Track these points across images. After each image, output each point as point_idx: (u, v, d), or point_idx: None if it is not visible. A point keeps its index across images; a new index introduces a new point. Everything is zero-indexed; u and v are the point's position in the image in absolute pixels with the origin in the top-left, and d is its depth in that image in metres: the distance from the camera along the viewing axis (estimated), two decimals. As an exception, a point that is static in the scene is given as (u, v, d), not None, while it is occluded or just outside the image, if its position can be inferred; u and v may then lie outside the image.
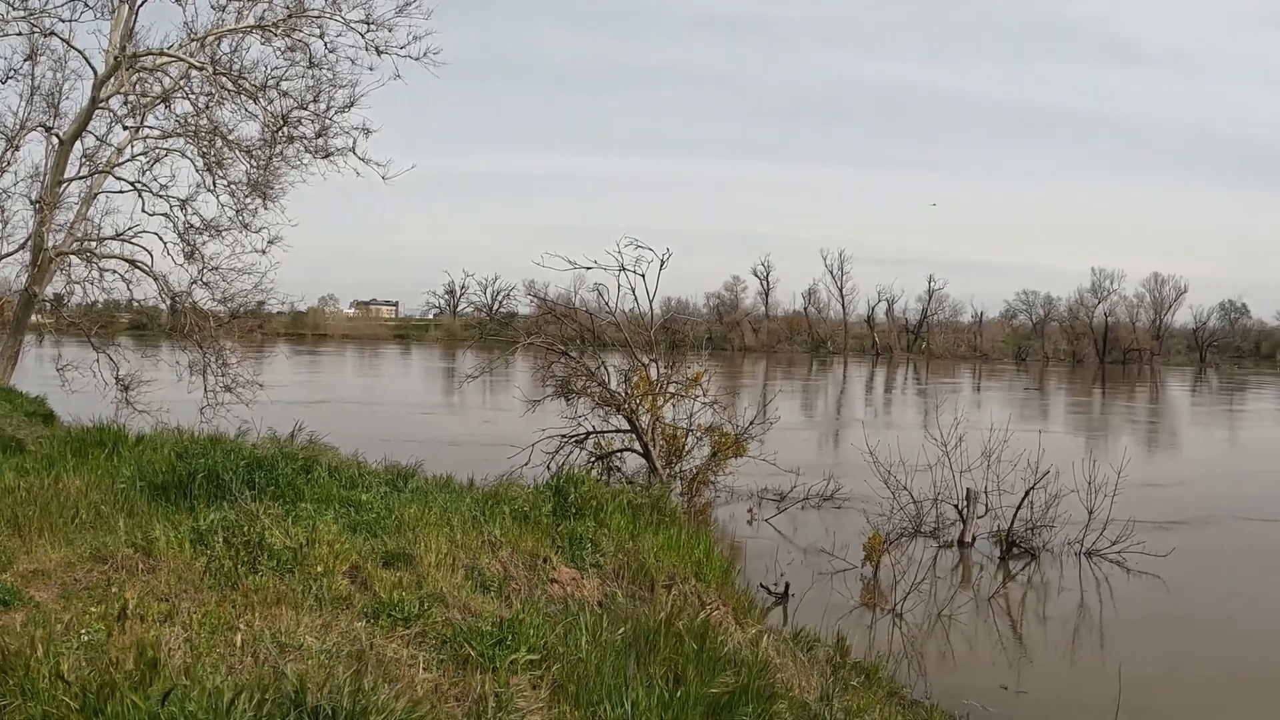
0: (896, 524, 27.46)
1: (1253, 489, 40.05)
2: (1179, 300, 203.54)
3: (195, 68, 22.18)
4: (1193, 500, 36.29)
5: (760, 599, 20.93)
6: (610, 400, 29.72)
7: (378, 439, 31.28)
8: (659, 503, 19.56)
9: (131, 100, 24.91)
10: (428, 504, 14.87)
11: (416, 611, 10.46)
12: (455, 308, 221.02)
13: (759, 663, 11.04)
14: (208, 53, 22.63)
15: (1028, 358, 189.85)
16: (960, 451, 28.78)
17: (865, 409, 78.48)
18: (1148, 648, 20.65)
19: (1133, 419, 78.09)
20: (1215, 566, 27.42)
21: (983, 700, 16.59)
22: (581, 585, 14.01)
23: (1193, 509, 33.89)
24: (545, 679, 9.34)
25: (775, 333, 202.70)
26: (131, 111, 25.17)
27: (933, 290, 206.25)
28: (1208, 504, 35.38)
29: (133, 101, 24.87)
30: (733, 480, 32.40)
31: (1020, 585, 25.92)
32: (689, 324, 64.22)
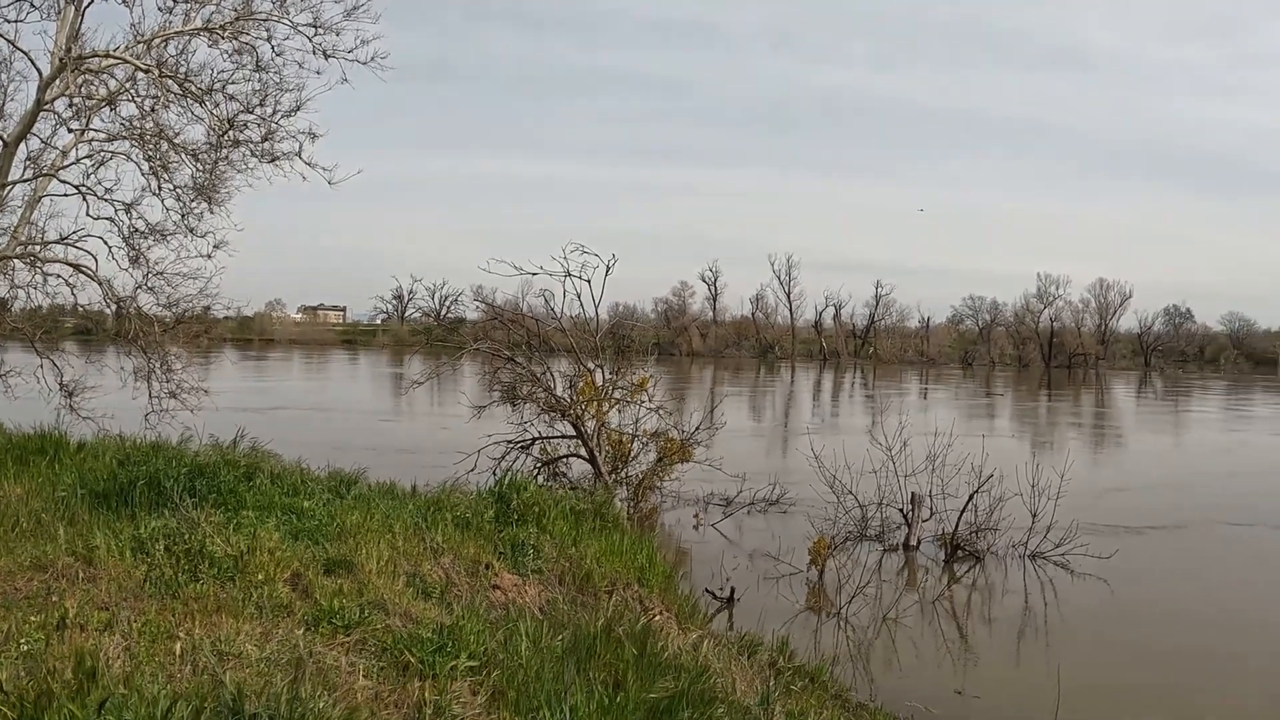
0: (842, 528, 27.56)
1: (1195, 493, 40.41)
2: (1124, 305, 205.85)
3: (141, 70, 21.94)
4: (1136, 504, 36.59)
5: (705, 604, 20.97)
6: (556, 406, 29.69)
7: (323, 445, 31.19)
8: (601, 508, 19.57)
9: (77, 103, 24.68)
10: (370, 511, 14.87)
11: (357, 619, 10.46)
12: (403, 313, 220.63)
13: (699, 667, 11.09)
14: (154, 55, 22.38)
15: (974, 362, 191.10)
16: (905, 456, 28.97)
17: (812, 414, 78.71)
18: (1092, 649, 20.85)
19: (1077, 423, 78.60)
20: (1157, 569, 27.68)
21: (927, 702, 16.69)
22: (523, 591, 14.02)
23: (1136, 512, 34.16)
24: (485, 685, 9.34)
25: (723, 338, 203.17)
26: (77, 114, 24.92)
27: (880, 295, 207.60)
28: (1151, 508, 35.66)
29: (78, 104, 24.62)
30: (679, 486, 32.37)
31: (965, 588, 26.06)
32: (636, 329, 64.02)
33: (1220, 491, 40.68)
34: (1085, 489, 33.80)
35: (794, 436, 54.57)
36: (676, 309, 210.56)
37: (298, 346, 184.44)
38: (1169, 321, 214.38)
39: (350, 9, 20.98)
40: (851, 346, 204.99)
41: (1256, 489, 41.82)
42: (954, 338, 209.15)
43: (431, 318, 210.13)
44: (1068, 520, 27.51)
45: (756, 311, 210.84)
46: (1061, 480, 28.02)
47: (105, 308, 27.27)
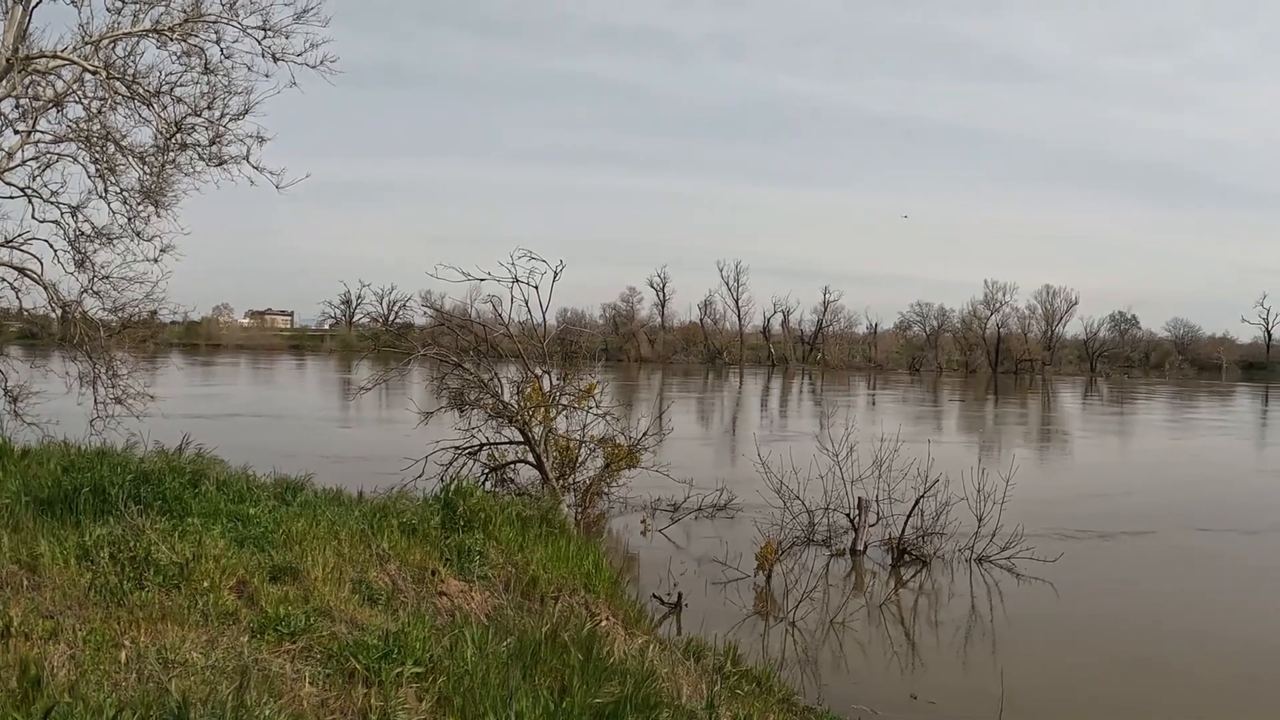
0: (789, 533, 27.63)
1: (1140, 499, 40.74)
2: (1070, 312, 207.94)
3: (89, 71, 21.75)
4: (1080, 507, 36.86)
5: (652, 609, 21.03)
6: (503, 412, 29.66)
7: (270, 452, 31.06)
8: (548, 514, 19.58)
9: (24, 104, 24.46)
10: (316, 518, 14.84)
11: (303, 626, 10.46)
12: (351, 318, 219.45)
13: (644, 672, 11.13)
14: (102, 56, 22.20)
15: (921, 368, 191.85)
16: (852, 461, 29.12)
17: (760, 420, 78.79)
18: (1037, 651, 21.13)
19: (1024, 429, 79.07)
20: (1101, 572, 27.89)
21: (874, 705, 16.81)
22: (470, 597, 14.03)
23: (1080, 517, 34.41)
24: (430, 691, 9.36)
25: (671, 344, 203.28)
26: (23, 115, 24.67)
27: (828, 302, 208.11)
28: (1095, 512, 35.92)
29: (25, 105, 24.40)
30: (627, 491, 32.44)
31: (912, 592, 26.20)
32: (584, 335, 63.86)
33: (1165, 497, 41.03)
34: (1031, 494, 34.08)
35: (741, 442, 54.65)
36: (625, 315, 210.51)
37: (245, 352, 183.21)
38: (1115, 328, 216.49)
39: (300, 12, 20.90)
40: (799, 352, 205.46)
41: (1201, 495, 42.19)
42: (901, 344, 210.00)
43: (380, 323, 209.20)
44: (1013, 525, 27.71)
45: (705, 317, 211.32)
46: (1007, 485, 28.25)
47: (50, 312, 27.02)
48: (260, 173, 22.47)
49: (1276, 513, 37.15)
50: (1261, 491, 44.33)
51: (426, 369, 35.40)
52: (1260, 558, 30.46)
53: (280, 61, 21.31)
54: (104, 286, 26.92)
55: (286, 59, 21.25)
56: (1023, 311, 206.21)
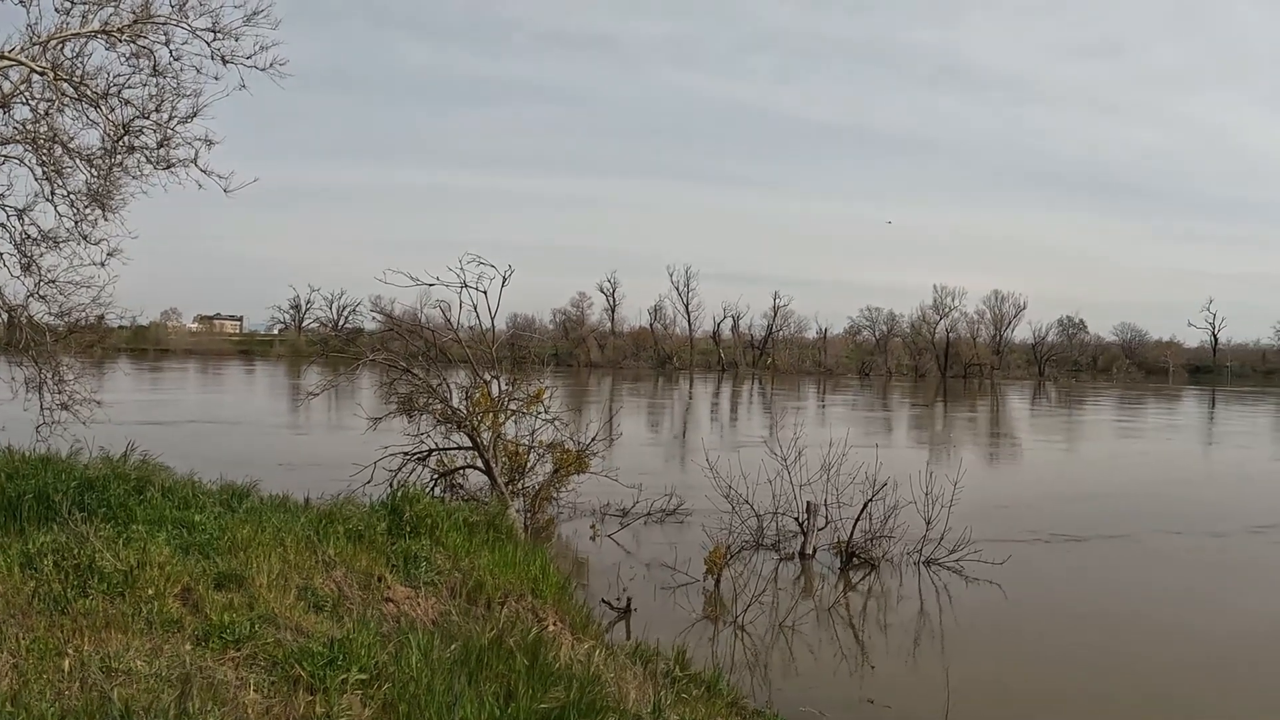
0: (738, 538, 27.67)
1: (1086, 502, 41.02)
2: (1018, 316, 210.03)
3: (37, 72, 21.48)
4: (1027, 510, 37.13)
5: (601, 614, 21.01)
6: (452, 417, 29.55)
7: (217, 458, 30.84)
8: (495, 520, 19.55)
9: (-31, 105, 24.23)
10: (261, 524, 14.75)
11: (247, 633, 10.42)
12: (300, 323, 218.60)
13: (590, 677, 11.12)
14: (50, 57, 21.98)
15: (871, 373, 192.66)
16: (800, 465, 29.15)
17: (709, 425, 78.94)
18: (985, 651, 21.34)
19: (972, 432, 79.43)
20: (1048, 572, 28.12)
21: (823, 707, 16.81)
22: (416, 604, 13.99)
23: (1027, 519, 34.67)
24: (376, 698, 9.33)
25: (621, 348, 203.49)
26: (-31, 117, 24.44)
27: (778, 307, 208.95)
28: (1042, 514, 36.18)
29: (-31, 106, 24.16)
30: (576, 497, 32.40)
31: (861, 594, 26.31)
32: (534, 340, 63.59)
33: (1111, 500, 41.29)
34: (979, 497, 34.27)
35: (691, 447, 54.73)
36: (575, 320, 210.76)
37: (193, 356, 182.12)
38: (1063, 332, 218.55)
39: (250, 15, 20.71)
40: (749, 357, 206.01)
41: (1146, 497, 42.55)
42: (851, 348, 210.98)
43: (329, 328, 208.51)
44: (961, 528, 27.86)
45: (655, 322, 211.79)
46: (954, 488, 28.42)
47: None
48: (208, 176, 22.22)
49: (1217, 515, 37.50)
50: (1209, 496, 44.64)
51: (376, 374, 35.25)
52: (1204, 557, 30.72)
53: (229, 64, 21.11)
54: (50, 290, 26.66)
55: (236, 61, 21.06)
56: (971, 316, 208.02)
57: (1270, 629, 23.46)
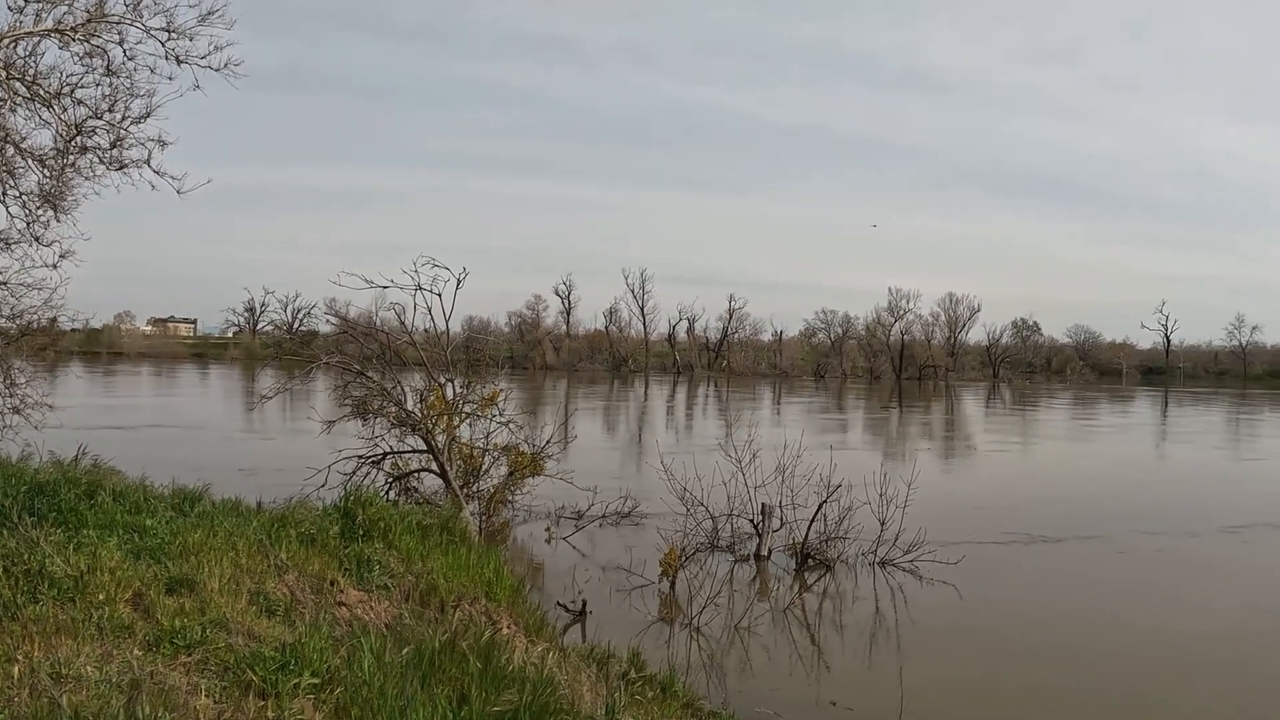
0: (693, 539, 27.67)
1: (1039, 501, 41.30)
2: (973, 319, 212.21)
3: (-11, 70, 21.32)
4: (981, 511, 37.32)
5: (556, 617, 21.00)
6: (406, 420, 29.44)
7: (170, 462, 30.74)
8: (448, 523, 19.47)
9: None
10: (214, 528, 14.63)
11: (199, 638, 10.34)
12: (255, 326, 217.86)
13: (544, 679, 11.08)
14: (1, 56, 21.75)
15: (826, 374, 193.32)
16: (755, 467, 29.18)
17: (665, 427, 78.99)
18: (940, 651, 21.42)
19: (927, 434, 79.76)
20: (1002, 572, 28.25)
21: (778, 708, 16.85)
22: (369, 607, 13.91)
23: (981, 519, 34.85)
24: (328, 702, 9.27)
25: (577, 351, 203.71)
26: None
27: (733, 309, 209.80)
28: (995, 514, 36.41)
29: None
30: (531, 499, 32.33)
31: (816, 595, 26.35)
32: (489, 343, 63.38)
33: (1067, 501, 41.52)
34: (934, 498, 34.48)
35: (646, 449, 54.82)
36: (530, 322, 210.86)
37: (147, 360, 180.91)
38: (1017, 334, 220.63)
39: (205, 14, 20.53)
40: (705, 359, 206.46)
41: (1104, 497, 42.81)
42: (806, 350, 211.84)
43: (284, 331, 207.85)
44: (916, 528, 27.98)
45: (610, 325, 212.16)
46: (909, 490, 28.53)
47: (-53, 318, 26.52)
48: (161, 177, 22.00)
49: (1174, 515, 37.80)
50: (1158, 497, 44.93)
51: (331, 377, 35.08)
52: (1162, 556, 30.91)
53: (184, 64, 20.91)
54: (1, 293, 26.45)
55: (190, 61, 20.86)
56: (926, 318, 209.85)
57: (1226, 626, 23.61)
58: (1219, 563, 30.59)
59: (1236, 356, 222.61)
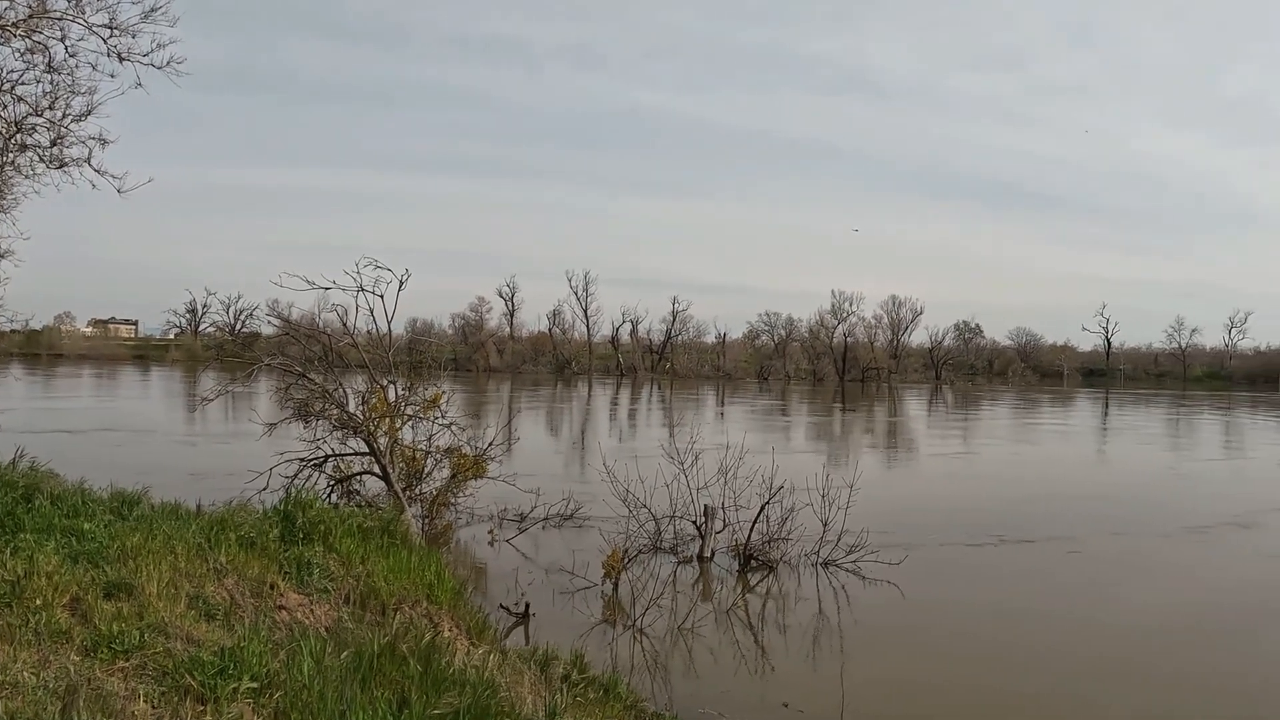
0: (636, 541, 27.66)
1: (980, 502, 41.58)
2: (915, 321, 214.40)
3: (-71, 66, 21.05)
4: (925, 511, 37.48)
5: (499, 620, 20.93)
6: (348, 422, 29.34)
7: (110, 466, 30.50)
8: (389, 525, 19.37)
9: None
10: (152, 532, 14.51)
11: (137, 643, 10.25)
12: (196, 327, 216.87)
13: (485, 682, 11.05)
14: (-60, 51, 21.47)
15: (769, 376, 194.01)
16: (698, 469, 29.19)
17: (608, 429, 79.00)
18: (882, 650, 21.52)
19: (870, 435, 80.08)
20: (945, 571, 28.38)
21: (721, 708, 16.92)
22: (310, 610, 13.85)
23: (924, 520, 35.00)
24: (267, 706, 9.21)
25: (520, 353, 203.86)
26: None
27: (677, 311, 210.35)
28: (938, 515, 36.57)
29: None
30: (474, 502, 32.30)
31: (759, 596, 26.36)
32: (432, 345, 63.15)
33: (1004, 503, 41.80)
34: (877, 499, 34.56)
35: (589, 451, 54.84)
36: (474, 324, 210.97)
37: (88, 362, 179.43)
38: (959, 336, 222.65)
39: (148, 11, 20.34)
40: (648, 362, 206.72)
41: (1047, 497, 43.08)
42: (750, 353, 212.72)
43: (226, 332, 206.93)
44: (859, 529, 28.11)
45: (554, 327, 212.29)
46: (851, 490, 28.63)
47: (-117, 320, 26.25)
48: (102, 176, 21.82)
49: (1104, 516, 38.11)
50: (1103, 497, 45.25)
51: (273, 380, 34.90)
52: (1104, 554, 31.08)
53: (126, 61, 20.73)
54: (-61, 294, 26.19)
55: (132, 59, 20.66)
56: (869, 321, 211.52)
57: (1167, 623, 23.83)
58: (1163, 561, 30.88)
59: (1176, 359, 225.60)
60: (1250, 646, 22.32)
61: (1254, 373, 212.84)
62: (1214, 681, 19.79)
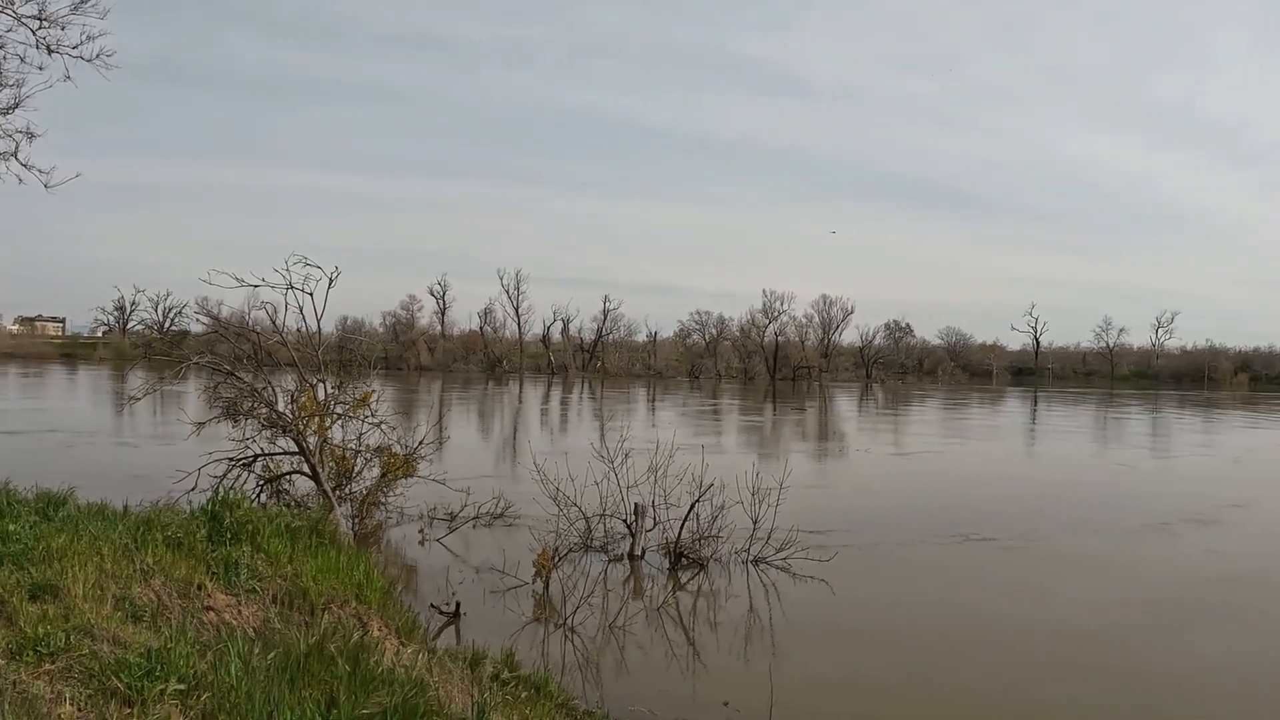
0: (566, 540, 27.69)
1: (908, 498, 41.87)
2: (846, 320, 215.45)
3: None
4: (854, 508, 37.75)
5: (429, 619, 20.93)
6: (277, 422, 29.17)
7: (36, 467, 30.16)
8: (318, 525, 19.26)
9: None
10: (78, 532, 14.34)
11: (63, 645, 10.13)
12: (125, 325, 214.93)
13: (413, 681, 11.03)
14: None
15: (700, 375, 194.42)
16: (628, 467, 29.23)
17: (539, 427, 78.89)
18: (812, 647, 21.70)
19: (800, 433, 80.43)
20: (874, 567, 28.58)
21: (653, 706, 17.00)
22: (238, 611, 13.75)
23: (854, 517, 35.24)
24: (194, 708, 9.15)
25: (451, 352, 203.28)
26: None
27: (608, 310, 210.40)
28: (868, 512, 36.81)
29: None
30: (404, 501, 32.22)
31: (690, 594, 26.42)
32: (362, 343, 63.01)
33: (936, 498, 42.08)
34: (806, 496, 34.78)
35: (520, 450, 54.81)
36: (405, 323, 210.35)
37: (13, 360, 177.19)
38: (890, 336, 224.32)
39: (77, 2, 20.12)
40: (579, 360, 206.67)
41: (974, 496, 43.44)
42: (681, 351, 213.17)
43: (154, 330, 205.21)
44: (789, 526, 28.29)
45: (485, 326, 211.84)
46: (781, 488, 28.79)
47: None
48: (29, 170, 21.54)
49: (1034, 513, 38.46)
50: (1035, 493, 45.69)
51: (203, 378, 34.64)
52: (1031, 552, 31.32)
53: (55, 53, 20.47)
54: None
55: (61, 51, 20.39)
56: (800, 320, 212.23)
57: (1098, 621, 24.04)
58: (1094, 558, 31.14)
59: (1104, 357, 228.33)
60: (1183, 643, 22.63)
61: (1180, 371, 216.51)
62: (1146, 679, 20.05)
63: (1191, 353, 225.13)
